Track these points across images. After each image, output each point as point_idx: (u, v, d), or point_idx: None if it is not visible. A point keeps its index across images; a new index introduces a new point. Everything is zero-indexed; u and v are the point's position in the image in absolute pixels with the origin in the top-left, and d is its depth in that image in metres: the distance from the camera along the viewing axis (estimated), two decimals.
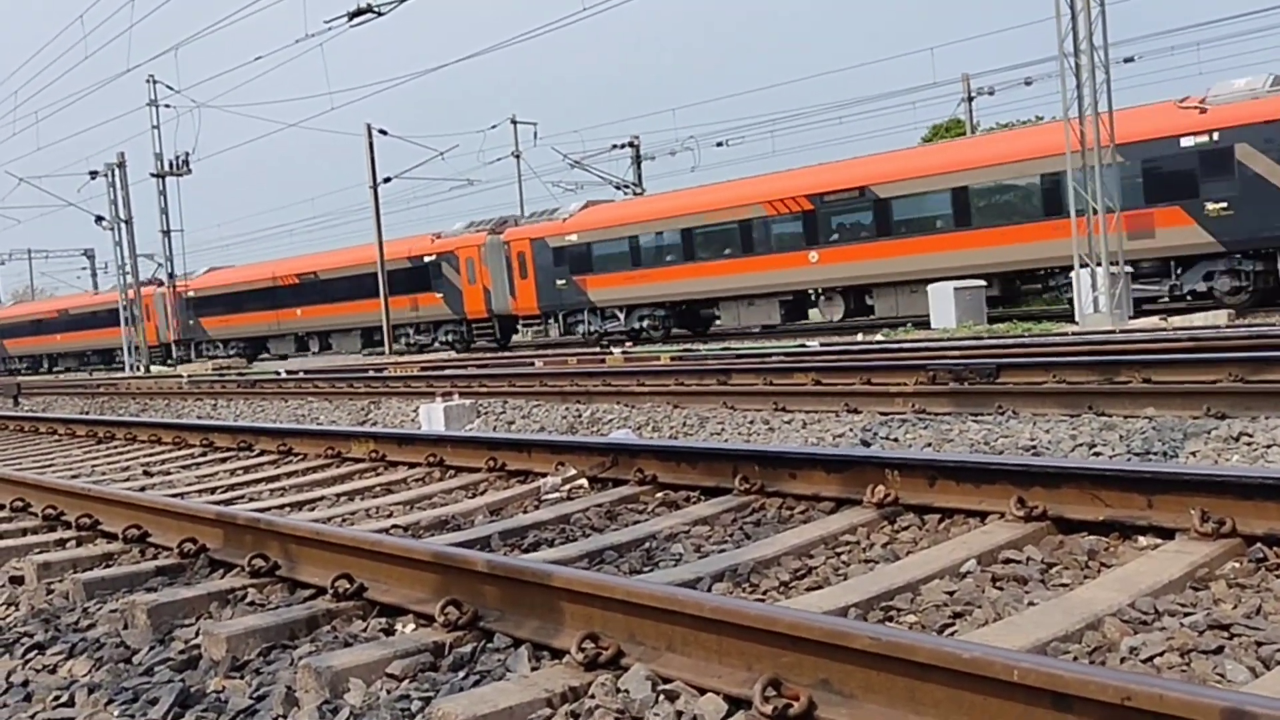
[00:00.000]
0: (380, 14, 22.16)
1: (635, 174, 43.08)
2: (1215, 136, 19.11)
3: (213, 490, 6.28)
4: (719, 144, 41.32)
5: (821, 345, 17.58)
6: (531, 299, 32.33)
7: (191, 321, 44.53)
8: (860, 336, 20.78)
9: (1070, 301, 19.86)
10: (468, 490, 5.48)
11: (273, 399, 15.62)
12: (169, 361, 43.46)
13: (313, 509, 5.39)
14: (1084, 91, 17.98)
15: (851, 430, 7.05)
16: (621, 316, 30.42)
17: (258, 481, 6.48)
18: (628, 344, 27.55)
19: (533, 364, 18.21)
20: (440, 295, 34.97)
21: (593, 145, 55.76)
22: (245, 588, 3.70)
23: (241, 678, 2.88)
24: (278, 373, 24.12)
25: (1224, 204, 19.18)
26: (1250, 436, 5.20)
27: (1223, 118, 19.05)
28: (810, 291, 26.82)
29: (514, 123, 46.15)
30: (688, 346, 22.42)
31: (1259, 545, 3.08)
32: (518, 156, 46.14)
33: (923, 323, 23.05)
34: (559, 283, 31.37)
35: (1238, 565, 3.02)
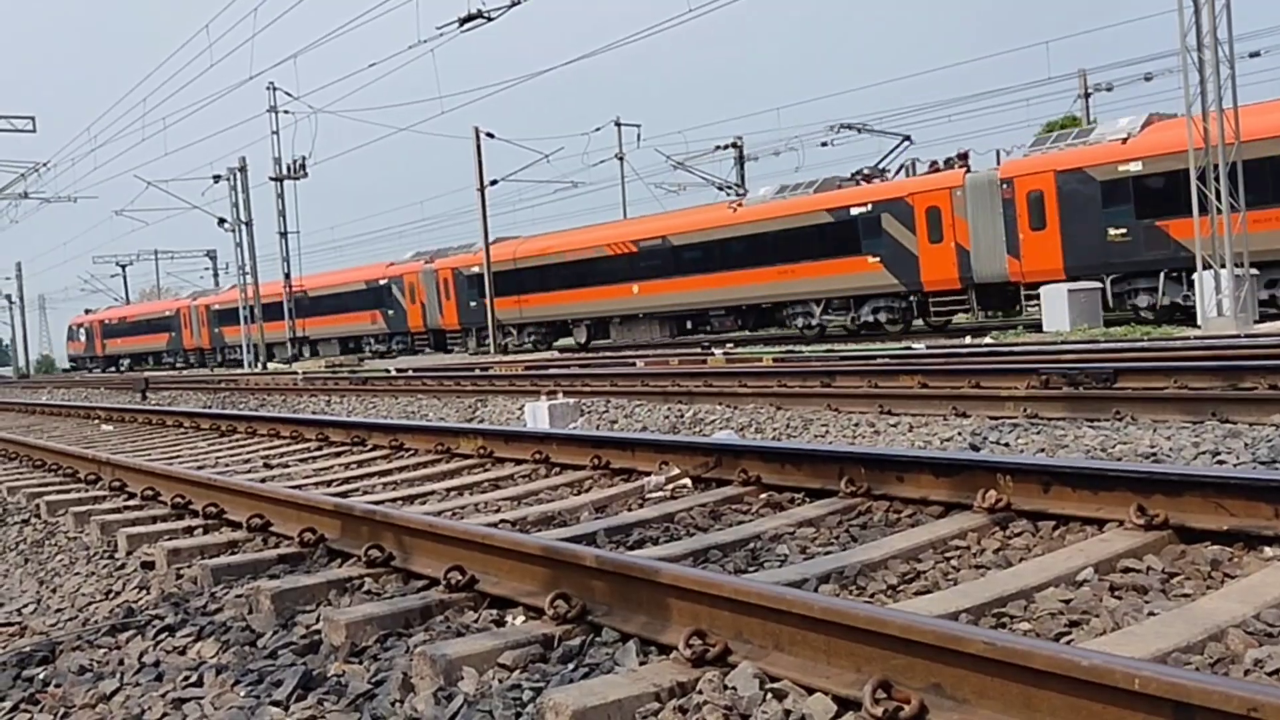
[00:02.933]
0: (490, 19, 22.59)
1: (738, 174, 42.94)
2: None
3: (329, 483, 6.50)
4: (823, 144, 40.87)
5: (927, 348, 17.28)
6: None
7: (474, 304, 39.33)
8: (969, 339, 20.34)
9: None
10: (573, 487, 5.56)
11: (383, 395, 16.04)
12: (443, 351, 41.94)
13: (424, 502, 5.53)
14: (1207, 88, 17.27)
15: (960, 434, 6.92)
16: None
17: (371, 475, 6.68)
18: (729, 345, 27.56)
19: (634, 364, 18.32)
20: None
21: (696, 146, 55.69)
22: (362, 577, 3.82)
23: (360, 663, 2.98)
24: (388, 370, 24.76)
25: None
26: None
27: None
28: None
29: (618, 124, 46.45)
30: (791, 348, 22.26)
31: None
32: (621, 159, 46.42)
33: (1034, 325, 22.46)
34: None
35: None
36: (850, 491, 4.46)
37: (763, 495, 4.82)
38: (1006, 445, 6.36)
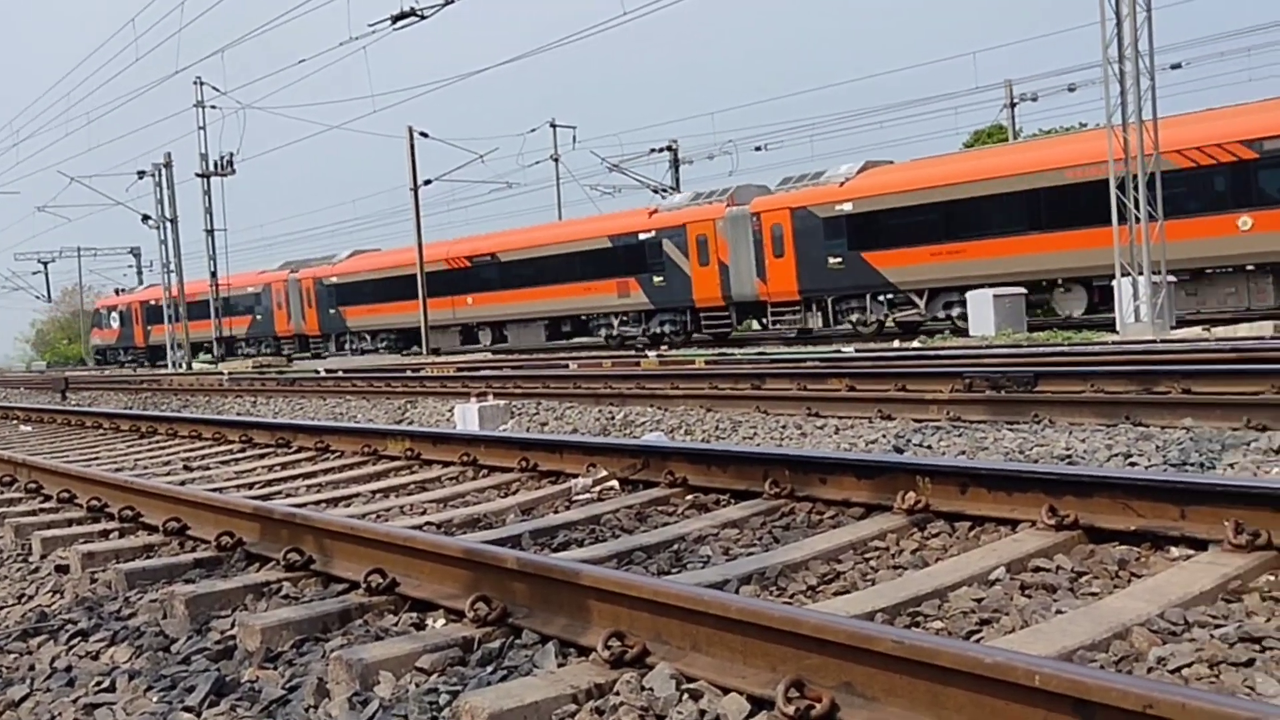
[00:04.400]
0: (423, 17, 22.37)
1: (673, 178, 43.10)
2: None
3: (251, 486, 6.38)
4: (757, 148, 41.26)
5: (857, 351, 17.51)
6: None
7: (332, 311, 42.52)
8: (896, 343, 20.66)
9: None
10: (500, 489, 5.54)
11: (311, 397, 15.80)
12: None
13: (348, 505, 5.46)
14: (1128, 99, 17.76)
15: (884, 436, 7.02)
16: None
17: (295, 478, 6.58)
18: (663, 347, 27.76)
19: (567, 366, 18.29)
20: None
21: (631, 149, 55.78)
22: (280, 581, 3.76)
23: (275, 668, 2.94)
24: (316, 371, 24.39)
25: None
26: None
27: None
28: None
29: (553, 126, 46.36)
30: (723, 351, 22.41)
31: None
32: (556, 160, 46.33)
33: (960, 330, 22.92)
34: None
35: (1273, 578, 2.99)
36: (774, 493, 4.50)
37: (689, 497, 4.85)
38: (929, 447, 6.48)
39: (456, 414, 10.35)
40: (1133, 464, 5.28)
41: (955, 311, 23.90)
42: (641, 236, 30.62)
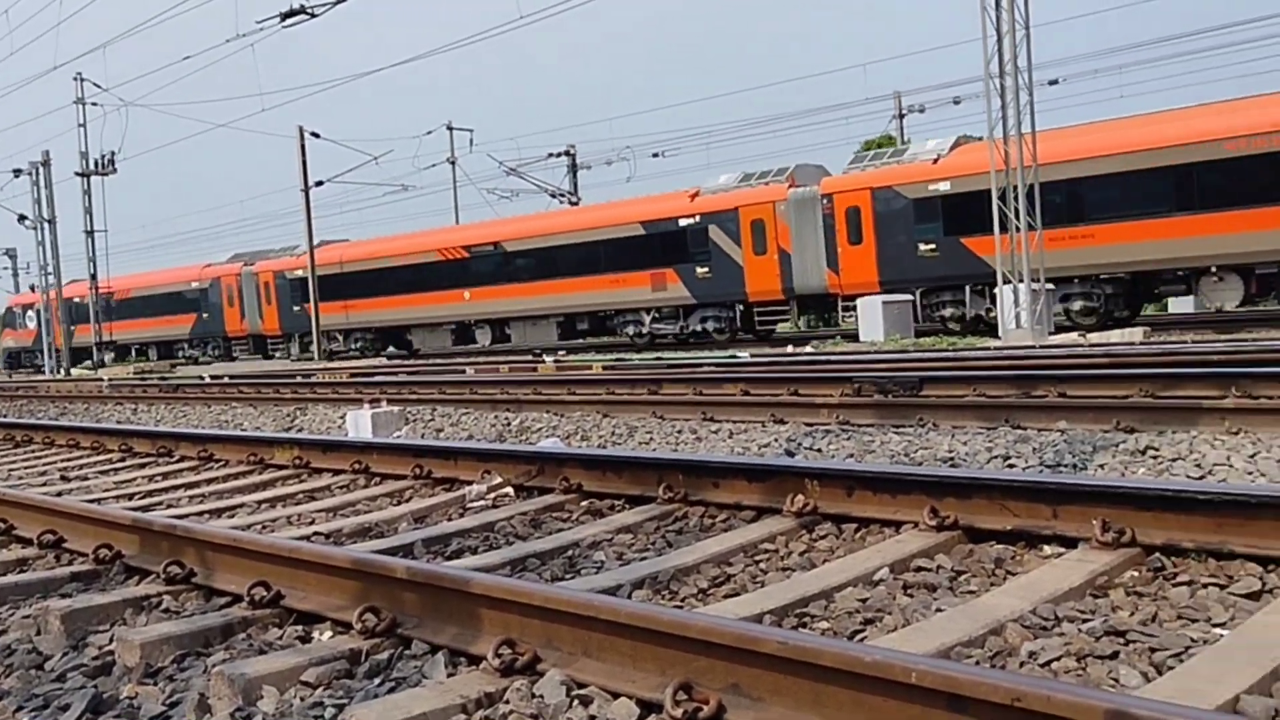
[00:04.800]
0: (314, 15, 21.94)
1: (571, 183, 43.10)
2: None
3: (130, 496, 6.17)
4: (655, 155, 41.58)
5: (752, 356, 17.77)
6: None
7: (297, 309, 37.78)
8: (790, 348, 21.03)
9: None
10: (392, 498, 5.46)
11: (195, 404, 15.31)
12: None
13: (232, 516, 5.32)
14: (1008, 113, 18.43)
15: (777, 440, 7.15)
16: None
17: (177, 488, 6.37)
18: (560, 352, 27.64)
19: (464, 371, 18.12)
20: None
21: (529, 153, 55.61)
22: (160, 594, 3.65)
23: (155, 684, 2.85)
24: (201, 377, 23.65)
25: None
26: (1156, 450, 5.39)
27: None
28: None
29: (450, 129, 45.92)
30: (621, 356, 22.48)
31: (1157, 555, 3.21)
32: (453, 163, 45.90)
33: (851, 335, 23.44)
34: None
35: (1136, 574, 3.15)
36: (668, 498, 4.55)
37: (584, 503, 4.86)
38: (819, 451, 6.61)
39: (348, 421, 10.16)
40: (1011, 465, 5.48)
41: (1076, 305, 21.55)
42: (683, 222, 26.95)
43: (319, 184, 36.85)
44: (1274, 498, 3.05)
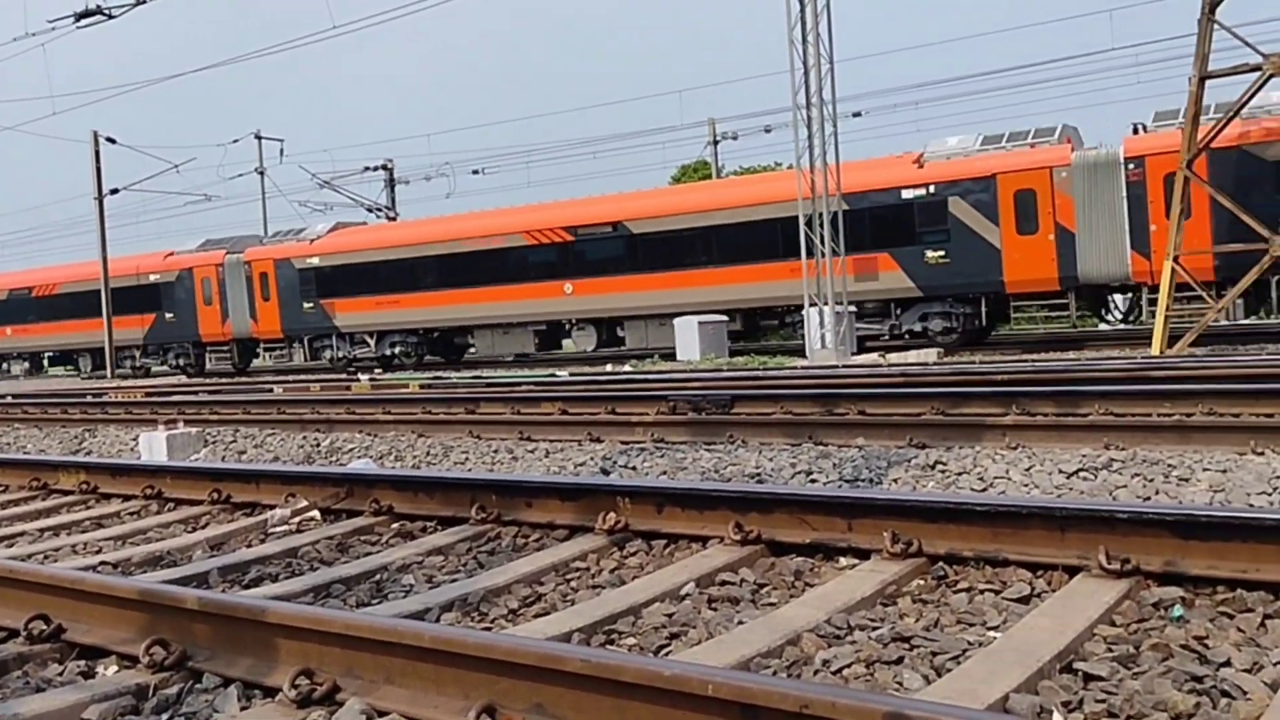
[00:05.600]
0: (111, 16, 20.76)
1: (389, 197, 42.24)
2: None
3: None
4: (475, 172, 41.28)
5: (571, 375, 17.84)
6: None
7: (309, 306, 30.59)
8: (609, 367, 21.23)
9: (803, 337, 21.19)
10: (187, 524, 5.20)
11: None
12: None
13: (11, 545, 4.95)
14: (814, 142, 19.26)
15: (593, 459, 7.21)
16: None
17: None
18: (377, 371, 26.88)
19: (271, 390, 17.43)
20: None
21: (344, 166, 54.15)
22: None
23: None
24: None
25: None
26: (944, 464, 5.73)
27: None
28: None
29: (258, 138, 44.25)
30: (439, 374, 22.14)
31: (941, 564, 3.41)
32: (261, 173, 44.21)
33: (669, 354, 23.87)
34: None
35: (922, 582, 3.34)
36: (481, 518, 4.52)
37: (394, 525, 4.77)
38: (634, 468, 6.71)
39: (142, 443, 9.61)
40: (813, 480, 5.71)
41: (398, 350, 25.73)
42: (906, 195, 21.65)
43: (114, 191, 34.79)
44: (1042, 509, 3.29)
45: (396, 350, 29.59)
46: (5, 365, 37.17)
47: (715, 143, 39.29)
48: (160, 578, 3.87)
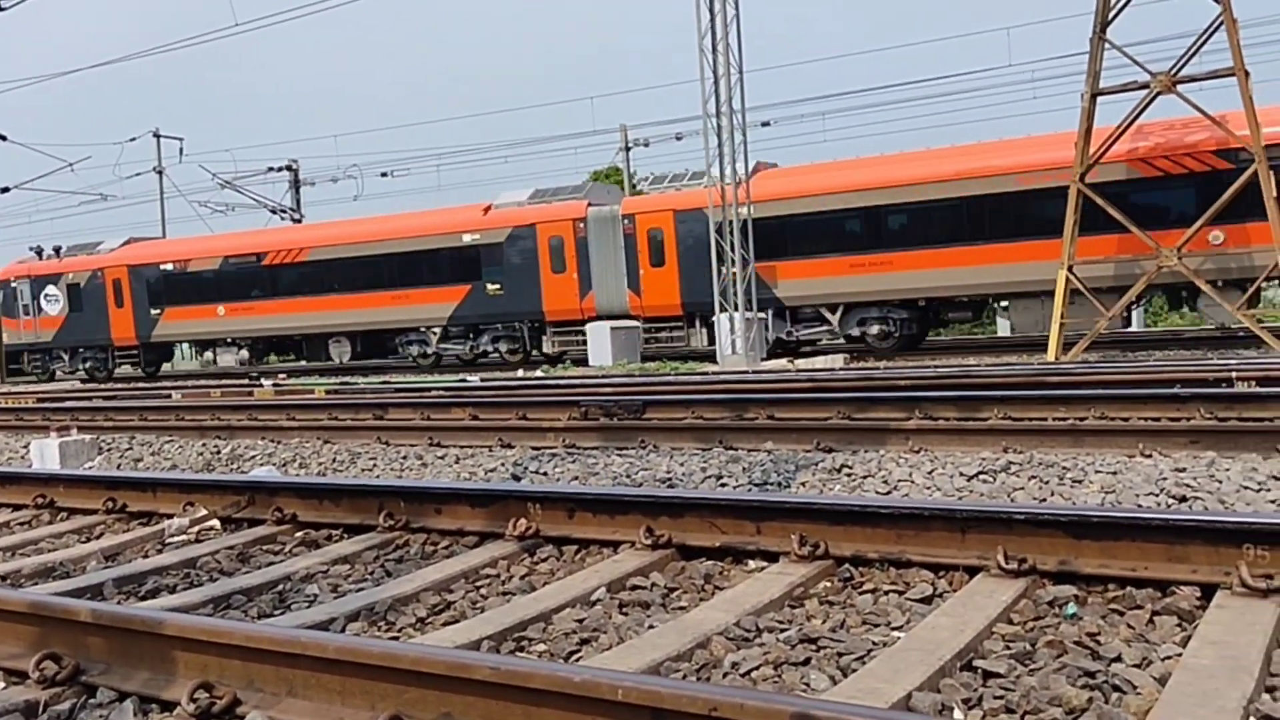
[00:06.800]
0: (2, 9, 19.95)
1: (293, 199, 41.37)
2: None
3: None
4: (384, 174, 40.66)
5: (483, 380, 17.69)
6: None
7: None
8: (520, 373, 21.12)
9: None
10: (81, 534, 5.02)
11: None
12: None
13: None
14: (724, 150, 19.45)
15: (504, 465, 7.15)
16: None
17: None
18: (281, 375, 26.33)
19: (170, 396, 16.92)
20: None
21: (247, 166, 52.88)
22: None
23: None
24: None
25: None
26: (850, 468, 5.84)
27: None
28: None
29: (157, 136, 42.97)
30: (345, 380, 21.75)
31: (846, 566, 3.48)
32: (160, 172, 42.94)
33: (582, 360, 23.85)
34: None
35: (829, 584, 3.39)
36: (389, 526, 4.46)
37: (298, 534, 4.68)
38: (545, 474, 6.68)
39: (33, 451, 9.24)
40: (723, 484, 5.76)
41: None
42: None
43: (4, 190, 33.41)
44: (944, 511, 3.38)
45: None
46: (209, 354, 30.70)
47: (627, 149, 39.41)
48: (52, 590, 3.73)
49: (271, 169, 40.83)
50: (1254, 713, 2.18)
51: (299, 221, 39.38)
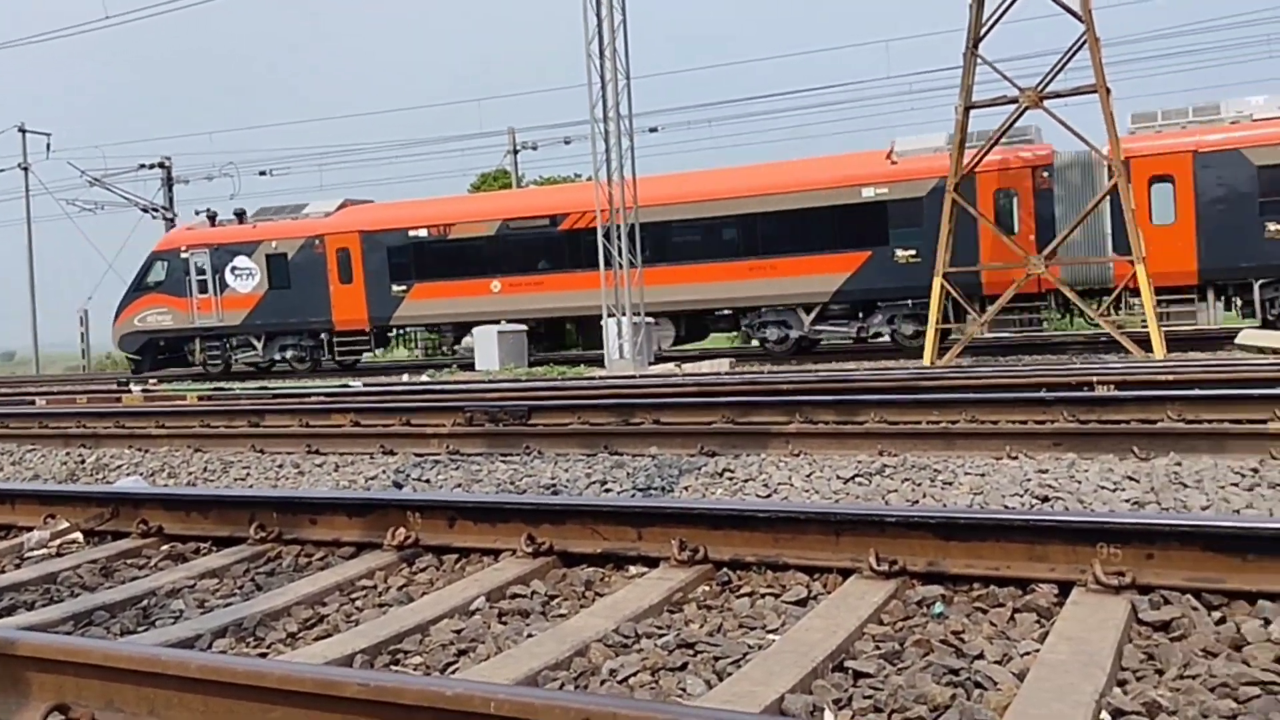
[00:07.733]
0: None
1: (166, 197, 39.90)
2: None
3: None
4: (262, 173, 39.55)
5: (365, 385, 17.35)
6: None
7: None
8: (406, 377, 20.78)
9: None
10: None
11: None
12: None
13: None
14: (612, 155, 19.52)
15: (385, 472, 7.03)
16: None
17: None
18: (151, 381, 25.32)
19: (33, 403, 16.12)
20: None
21: (117, 163, 50.76)
22: None
23: None
24: None
25: None
26: (732, 472, 5.91)
27: None
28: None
29: (22, 131, 40.97)
30: (220, 386, 21.07)
31: (725, 570, 3.52)
32: (25, 169, 40.94)
33: (468, 364, 23.59)
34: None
35: (707, 588, 3.43)
36: (260, 538, 4.33)
37: (165, 547, 4.51)
38: (428, 481, 6.59)
39: None
40: (608, 490, 5.77)
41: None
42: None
43: None
44: (819, 514, 3.45)
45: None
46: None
47: (515, 152, 39.20)
48: None
49: (144, 166, 39.32)
50: (1105, 706, 2.28)
51: (171, 222, 37.98)
